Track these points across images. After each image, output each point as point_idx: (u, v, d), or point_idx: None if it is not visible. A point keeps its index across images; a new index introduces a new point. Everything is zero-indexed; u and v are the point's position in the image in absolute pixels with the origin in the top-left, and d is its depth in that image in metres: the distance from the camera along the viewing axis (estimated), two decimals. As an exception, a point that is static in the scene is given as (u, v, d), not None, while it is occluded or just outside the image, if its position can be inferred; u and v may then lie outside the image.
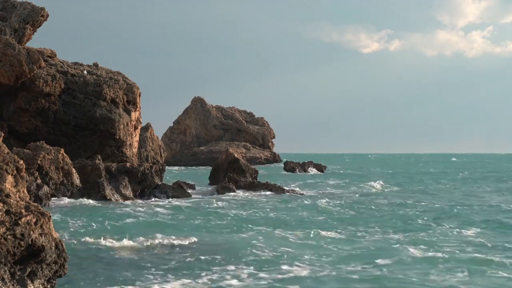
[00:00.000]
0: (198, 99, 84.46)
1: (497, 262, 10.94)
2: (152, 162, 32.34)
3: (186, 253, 11.63)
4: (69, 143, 28.41)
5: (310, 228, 15.30)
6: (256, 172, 32.66)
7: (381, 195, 27.02)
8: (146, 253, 11.71)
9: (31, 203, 7.22)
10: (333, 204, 22.51)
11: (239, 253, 11.57)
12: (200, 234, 14.26)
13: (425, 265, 10.62)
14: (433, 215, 18.67)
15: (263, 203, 22.56)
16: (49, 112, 28.59)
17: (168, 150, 66.09)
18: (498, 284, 9.37)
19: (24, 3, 29.70)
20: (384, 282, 9.35)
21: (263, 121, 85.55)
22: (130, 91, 31.09)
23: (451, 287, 9.18)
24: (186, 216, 18.11)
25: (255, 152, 75.75)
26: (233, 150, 34.79)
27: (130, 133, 30.60)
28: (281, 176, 46.19)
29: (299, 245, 12.82)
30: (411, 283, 9.34)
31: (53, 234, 7.06)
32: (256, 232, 14.72)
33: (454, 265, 10.67)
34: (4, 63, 26.75)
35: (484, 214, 19.34)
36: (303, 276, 9.70)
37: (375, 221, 17.14)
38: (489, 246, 12.74)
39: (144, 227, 15.58)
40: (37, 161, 21.10)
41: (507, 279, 9.69)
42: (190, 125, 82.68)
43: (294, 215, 18.58)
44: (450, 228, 15.76)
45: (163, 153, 45.97)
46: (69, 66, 30.70)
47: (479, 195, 27.55)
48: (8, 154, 7.53)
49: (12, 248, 6.60)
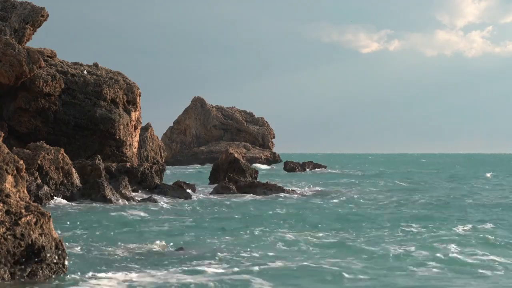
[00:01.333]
0: (198, 99, 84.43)
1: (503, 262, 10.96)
2: (152, 162, 32.32)
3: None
4: (69, 143, 28.41)
5: (305, 228, 15.33)
6: (256, 172, 32.66)
7: (381, 194, 27.04)
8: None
9: (31, 203, 7.23)
10: (332, 203, 22.53)
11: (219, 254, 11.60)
12: (195, 235, 14.27)
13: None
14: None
15: (262, 203, 22.58)
16: (49, 112, 28.59)
17: (168, 150, 66.09)
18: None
19: (24, 3, 29.70)
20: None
21: (263, 121, 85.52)
22: (130, 91, 31.09)
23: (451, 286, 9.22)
24: (179, 219, 18.11)
25: (255, 152, 75.75)
26: (233, 150, 34.80)
27: (130, 133, 30.61)
28: (281, 176, 46.20)
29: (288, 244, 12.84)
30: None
31: (53, 234, 7.07)
32: (250, 232, 14.73)
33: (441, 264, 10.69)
34: (4, 63, 26.76)
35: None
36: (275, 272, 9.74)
37: (372, 221, 17.15)
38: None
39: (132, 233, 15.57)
40: (37, 161, 21.10)
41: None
42: (190, 125, 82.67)
43: (290, 214, 18.59)
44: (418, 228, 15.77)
45: (163, 153, 45.98)
46: (69, 66, 30.71)
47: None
48: (8, 154, 7.53)
49: (12, 248, 6.61)
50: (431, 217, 18.20)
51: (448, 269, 10.38)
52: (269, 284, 9.23)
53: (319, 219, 17.56)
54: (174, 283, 9.24)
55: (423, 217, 18.18)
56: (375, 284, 9.32)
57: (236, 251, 11.94)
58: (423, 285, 9.31)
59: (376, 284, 9.35)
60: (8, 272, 6.56)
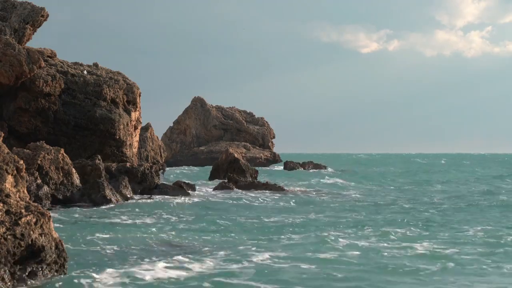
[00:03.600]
0: (198, 99, 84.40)
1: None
2: (152, 162, 32.34)
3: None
4: (69, 143, 28.41)
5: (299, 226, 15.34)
6: (256, 172, 32.69)
7: (380, 194, 27.06)
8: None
9: (31, 203, 7.23)
10: (331, 202, 22.54)
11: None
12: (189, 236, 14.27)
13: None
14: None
15: (261, 203, 22.59)
16: (49, 112, 28.60)
17: (168, 150, 66.08)
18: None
19: (24, 3, 29.70)
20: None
21: (263, 121, 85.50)
22: (130, 91, 31.10)
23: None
24: (177, 218, 18.12)
25: (255, 152, 75.74)
26: (233, 150, 34.82)
27: (130, 133, 30.61)
28: (281, 176, 46.20)
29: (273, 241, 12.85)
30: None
31: (53, 234, 7.07)
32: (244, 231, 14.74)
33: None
34: (4, 63, 26.76)
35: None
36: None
37: (369, 220, 17.17)
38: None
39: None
40: (37, 161, 21.10)
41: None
42: (190, 125, 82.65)
43: (286, 214, 18.61)
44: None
45: (163, 153, 45.98)
46: (69, 66, 30.71)
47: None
48: (8, 154, 7.54)
49: (12, 248, 6.61)
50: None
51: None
52: (262, 281, 9.25)
53: (319, 218, 17.58)
54: (172, 281, 9.26)
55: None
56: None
57: (234, 249, 11.95)
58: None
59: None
60: (8, 272, 6.56)
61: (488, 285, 9.33)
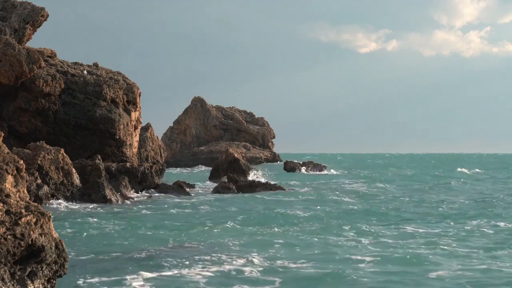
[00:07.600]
0: (198, 99, 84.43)
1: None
2: (152, 162, 32.35)
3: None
4: (69, 143, 28.42)
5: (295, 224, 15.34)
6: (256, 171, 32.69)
7: (381, 192, 27.06)
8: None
9: (31, 203, 7.22)
10: (330, 202, 22.52)
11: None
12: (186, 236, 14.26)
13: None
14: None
15: (261, 203, 22.57)
16: (49, 112, 28.60)
17: (168, 150, 66.09)
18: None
19: (24, 3, 29.70)
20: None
21: (263, 121, 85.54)
22: (130, 91, 31.10)
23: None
24: (174, 218, 18.11)
25: (255, 152, 75.75)
26: (233, 150, 34.82)
27: (130, 133, 30.61)
28: (281, 175, 46.16)
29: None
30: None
31: (53, 234, 7.06)
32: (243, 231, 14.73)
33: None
34: (4, 63, 26.76)
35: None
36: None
37: (367, 219, 17.17)
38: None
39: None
40: (37, 161, 21.10)
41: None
42: (190, 125, 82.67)
43: (283, 212, 18.60)
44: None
45: (163, 153, 45.96)
46: (69, 66, 30.71)
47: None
48: (8, 154, 7.53)
49: (12, 248, 6.60)
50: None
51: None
52: (260, 280, 9.25)
53: (320, 218, 17.57)
54: (172, 281, 9.25)
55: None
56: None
57: (234, 249, 11.94)
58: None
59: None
60: (8, 272, 6.56)
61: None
